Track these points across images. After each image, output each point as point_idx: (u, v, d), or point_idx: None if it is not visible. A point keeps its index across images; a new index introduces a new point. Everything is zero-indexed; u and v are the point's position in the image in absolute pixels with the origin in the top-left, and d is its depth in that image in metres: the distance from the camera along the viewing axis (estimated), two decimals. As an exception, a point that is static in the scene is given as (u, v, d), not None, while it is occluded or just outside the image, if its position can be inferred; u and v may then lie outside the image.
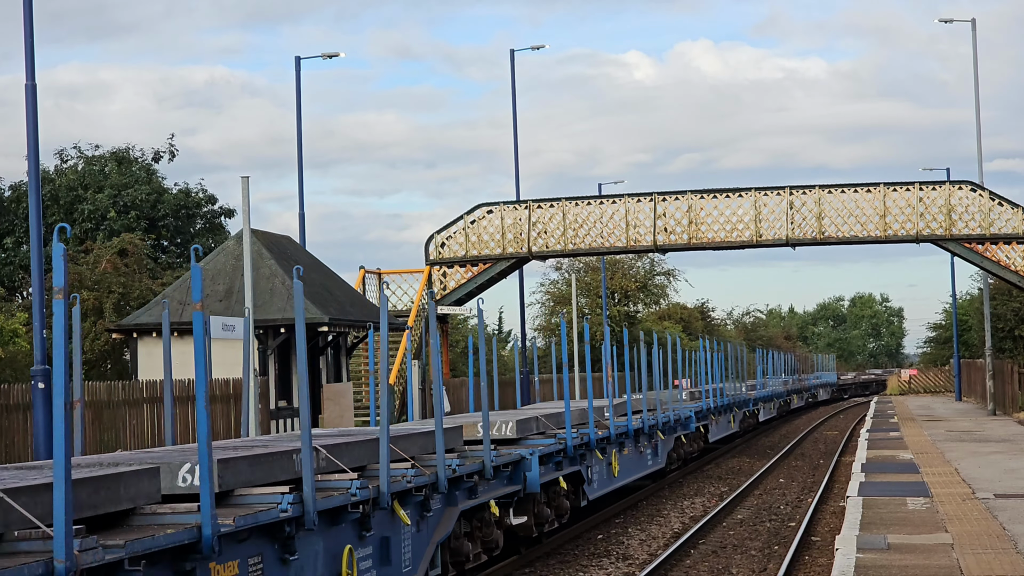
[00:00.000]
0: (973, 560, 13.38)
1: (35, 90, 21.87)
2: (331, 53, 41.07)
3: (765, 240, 40.52)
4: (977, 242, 39.80)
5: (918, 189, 40.22)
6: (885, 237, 40.30)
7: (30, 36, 21.95)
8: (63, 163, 51.50)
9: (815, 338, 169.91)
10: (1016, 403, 47.02)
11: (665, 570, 16.71)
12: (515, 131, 48.42)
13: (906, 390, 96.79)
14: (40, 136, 22.05)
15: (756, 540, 19.56)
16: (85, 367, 37.13)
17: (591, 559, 17.65)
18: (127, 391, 25.82)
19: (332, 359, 32.87)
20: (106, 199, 48.21)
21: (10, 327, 31.83)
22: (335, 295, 32.70)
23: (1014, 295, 55.74)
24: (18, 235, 49.36)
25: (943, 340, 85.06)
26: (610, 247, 42.05)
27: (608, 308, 63.63)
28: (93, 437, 24.59)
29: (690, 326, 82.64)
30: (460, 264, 41.61)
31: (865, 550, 14.20)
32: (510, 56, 48.26)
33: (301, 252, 34.53)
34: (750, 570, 16.82)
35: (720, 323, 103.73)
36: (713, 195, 40.93)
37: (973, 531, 15.53)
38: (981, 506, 18.10)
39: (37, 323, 21.61)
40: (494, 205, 41.74)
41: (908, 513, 17.51)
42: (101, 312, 37.80)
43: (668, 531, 20.71)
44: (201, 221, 51.56)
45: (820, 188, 40.59)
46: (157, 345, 29.73)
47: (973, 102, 46.35)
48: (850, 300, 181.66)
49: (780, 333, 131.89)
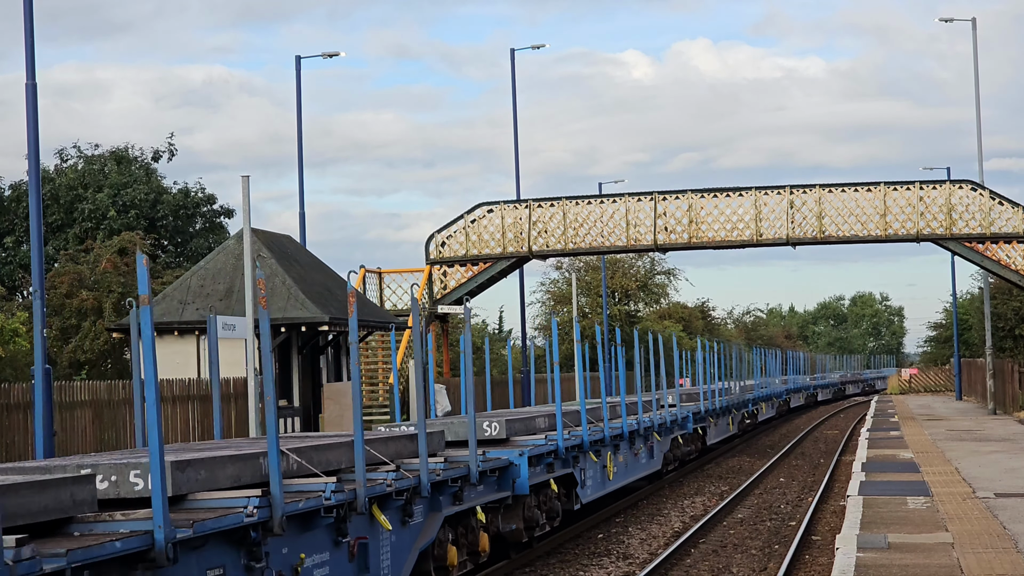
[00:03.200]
0: (973, 559, 13.37)
1: (35, 89, 21.86)
2: (331, 53, 41.09)
3: (765, 239, 40.51)
4: (977, 241, 39.79)
5: (918, 188, 40.21)
6: (885, 236, 40.29)
7: (30, 36, 21.93)
8: (63, 163, 51.53)
9: (815, 337, 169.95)
10: (1016, 402, 47.00)
11: (665, 569, 16.70)
12: (515, 130, 48.45)
13: (906, 389, 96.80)
14: (39, 135, 22.05)
15: (756, 539, 19.55)
16: (86, 367, 37.13)
17: (591, 558, 17.64)
18: (128, 390, 25.83)
19: (332, 358, 32.86)
20: (106, 199, 48.22)
21: (10, 327, 31.81)
22: (335, 294, 32.69)
23: (1014, 294, 55.74)
24: (18, 234, 49.39)
25: (943, 339, 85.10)
26: (610, 246, 42.04)
27: (608, 307, 63.63)
28: (94, 436, 24.61)
29: (690, 325, 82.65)
30: (460, 263, 41.60)
31: (865, 549, 14.20)
32: (510, 56, 48.28)
33: (301, 251, 34.52)
34: (750, 569, 16.81)
35: (720, 322, 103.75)
36: (713, 194, 40.92)
37: (973, 530, 15.52)
38: (981, 505, 18.09)
39: (37, 323, 21.60)
40: (494, 204, 41.73)
41: (908, 512, 17.51)
42: (101, 312, 37.79)
43: (668, 530, 20.70)
44: (201, 221, 51.58)
45: (820, 187, 40.58)
46: (157, 344, 29.69)
47: (971, 101, 46.49)
48: (850, 299, 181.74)
49: (780, 332, 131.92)
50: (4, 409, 22.29)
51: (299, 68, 41.09)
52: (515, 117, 48.48)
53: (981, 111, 48.53)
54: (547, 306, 73.36)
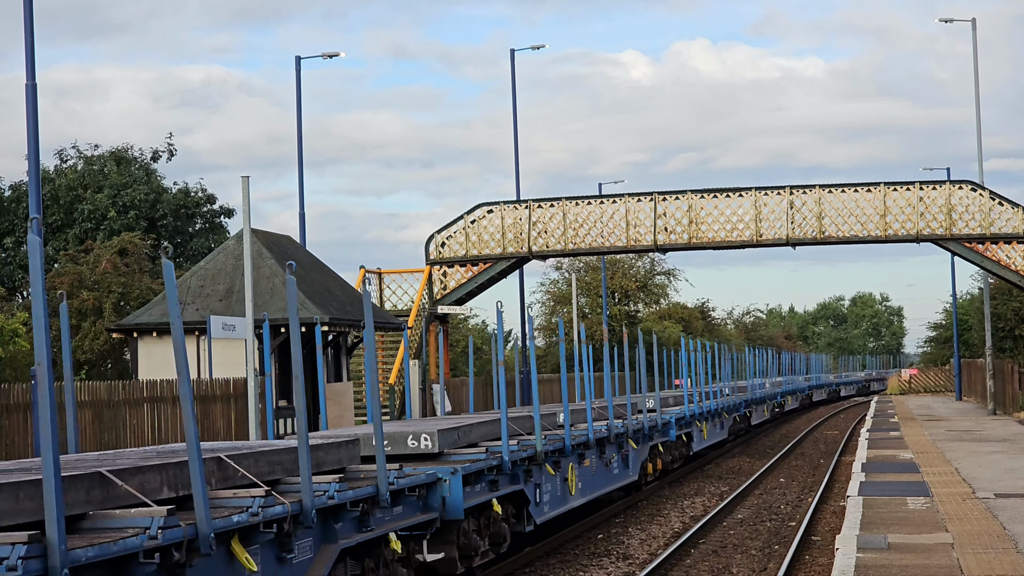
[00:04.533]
0: (973, 560, 13.37)
1: (35, 90, 21.87)
2: (331, 53, 41.10)
3: (765, 240, 40.51)
4: (977, 242, 39.79)
5: (918, 189, 40.21)
6: (885, 237, 40.30)
7: (30, 36, 21.93)
8: (63, 163, 51.52)
9: (815, 337, 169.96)
10: (1016, 402, 46.99)
11: (665, 570, 16.70)
12: (515, 131, 48.48)
13: (906, 390, 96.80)
14: (39, 135, 22.05)
15: (756, 540, 19.55)
16: (86, 367, 37.13)
17: (591, 559, 17.64)
18: (127, 391, 25.83)
19: (332, 359, 32.86)
20: (106, 199, 48.21)
21: (10, 327, 31.81)
22: (335, 295, 32.70)
23: (1014, 295, 55.73)
24: (18, 235, 49.36)
25: (943, 340, 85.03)
26: (610, 247, 42.03)
27: (608, 308, 63.63)
28: (93, 437, 24.60)
29: (690, 326, 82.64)
30: (460, 264, 41.60)
31: (865, 550, 14.19)
32: (511, 56, 48.30)
33: (301, 252, 34.53)
34: (750, 570, 16.81)
35: (720, 323, 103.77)
36: (713, 195, 40.92)
37: (973, 531, 15.52)
38: (981, 506, 18.09)
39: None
40: (494, 205, 41.73)
41: (908, 513, 17.50)
42: (101, 312, 37.79)
43: (668, 530, 20.70)
44: (200, 221, 51.58)
45: (820, 188, 40.58)
46: (158, 345, 29.74)
47: (970, 102, 46.62)
48: (850, 300, 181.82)
49: (780, 333, 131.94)
50: (4, 409, 22.28)
51: (299, 69, 41.11)
52: (515, 117, 48.54)
53: (981, 111, 48.57)
54: (547, 306, 73.34)
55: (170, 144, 52.51)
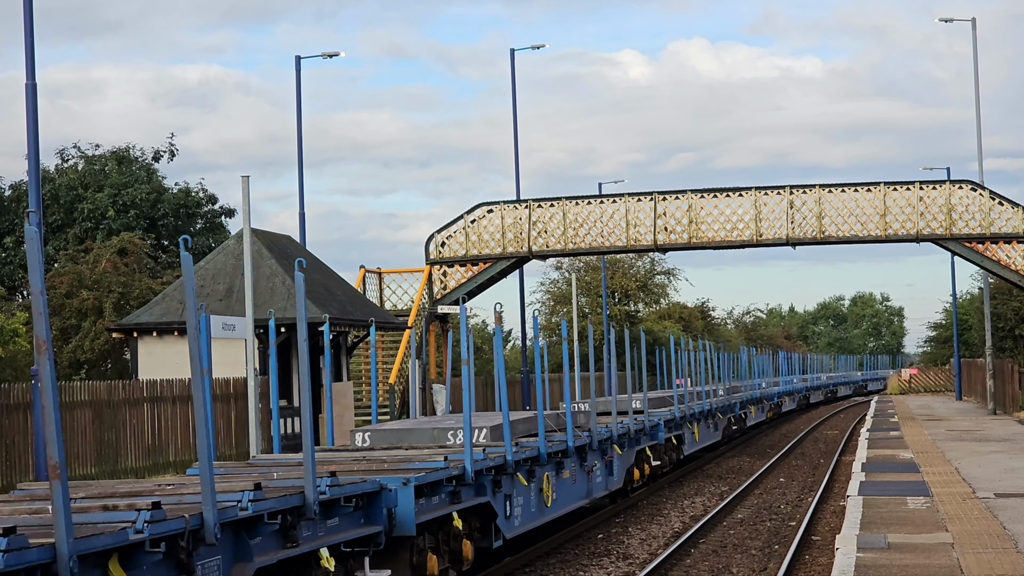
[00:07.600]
0: (973, 560, 13.37)
1: (35, 89, 21.87)
2: (331, 53, 41.09)
3: (765, 240, 40.52)
4: (977, 241, 39.79)
5: (918, 188, 40.21)
6: (885, 236, 40.30)
7: (30, 36, 21.94)
8: (63, 163, 51.53)
9: (815, 337, 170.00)
10: (1016, 402, 47.01)
11: (665, 569, 16.70)
12: (515, 131, 48.48)
13: (906, 389, 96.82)
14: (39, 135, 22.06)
15: (756, 539, 19.56)
16: (86, 366, 37.12)
17: (591, 558, 17.64)
18: (128, 390, 25.84)
19: (332, 358, 32.88)
20: (106, 198, 48.22)
21: (10, 327, 31.82)
22: (335, 294, 32.73)
23: (1014, 294, 55.73)
24: (18, 235, 49.35)
25: (943, 339, 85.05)
26: (610, 246, 42.04)
27: (608, 307, 63.64)
28: (94, 436, 24.61)
29: (690, 326, 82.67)
30: (460, 263, 41.61)
31: (865, 549, 14.20)
32: (510, 56, 48.30)
33: (301, 251, 34.56)
34: (750, 569, 16.81)
35: (720, 323, 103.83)
36: (713, 195, 40.93)
37: (973, 530, 15.53)
38: (981, 505, 18.10)
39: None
40: (494, 204, 41.74)
41: (908, 512, 17.51)
42: (101, 312, 37.80)
43: (668, 530, 20.70)
44: (201, 221, 51.58)
45: (820, 187, 40.59)
46: (158, 344, 29.75)
47: (969, 101, 46.67)
48: (850, 299, 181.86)
49: (780, 332, 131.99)
50: (4, 409, 22.29)
51: (299, 69, 41.10)
52: (515, 118, 48.54)
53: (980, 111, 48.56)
54: (547, 306, 73.37)
55: (171, 144, 52.53)
